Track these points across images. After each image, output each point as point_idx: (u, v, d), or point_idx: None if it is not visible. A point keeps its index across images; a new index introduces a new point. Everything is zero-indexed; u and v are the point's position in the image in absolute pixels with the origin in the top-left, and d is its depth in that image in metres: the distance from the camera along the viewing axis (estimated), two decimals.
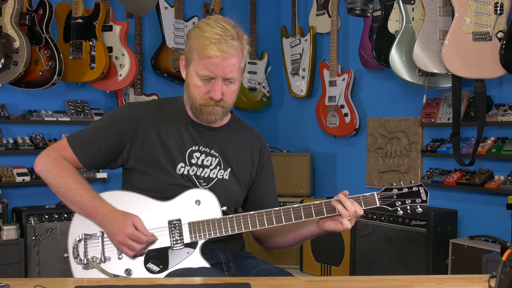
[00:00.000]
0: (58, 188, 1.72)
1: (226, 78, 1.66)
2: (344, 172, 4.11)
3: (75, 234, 1.71)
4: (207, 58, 1.64)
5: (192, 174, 1.75)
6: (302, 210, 1.68)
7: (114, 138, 1.74)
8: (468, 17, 2.84)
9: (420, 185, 1.74)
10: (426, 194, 1.73)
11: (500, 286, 1.03)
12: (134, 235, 1.63)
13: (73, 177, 1.72)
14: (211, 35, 1.63)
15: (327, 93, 4.02)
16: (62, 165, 1.73)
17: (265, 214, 1.68)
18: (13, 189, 3.40)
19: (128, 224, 1.64)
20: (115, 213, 1.67)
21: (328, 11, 4.08)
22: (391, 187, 1.72)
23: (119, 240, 1.63)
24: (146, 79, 3.97)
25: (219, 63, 1.63)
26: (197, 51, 1.66)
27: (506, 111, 3.00)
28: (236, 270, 1.78)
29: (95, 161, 1.77)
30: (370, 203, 1.69)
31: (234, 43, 1.64)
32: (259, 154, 1.89)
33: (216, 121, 1.74)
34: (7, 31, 3.20)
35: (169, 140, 1.76)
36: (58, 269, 3.21)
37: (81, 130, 1.82)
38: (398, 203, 1.71)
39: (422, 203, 1.71)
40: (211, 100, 1.69)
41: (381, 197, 1.70)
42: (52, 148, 1.78)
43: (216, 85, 1.66)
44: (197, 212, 1.69)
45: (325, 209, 1.68)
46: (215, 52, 1.62)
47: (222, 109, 1.72)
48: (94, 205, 1.69)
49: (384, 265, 3.24)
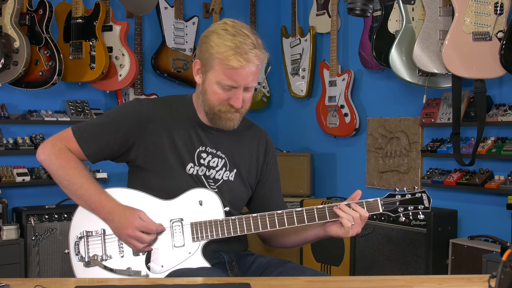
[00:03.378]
0: (61, 180, 1.71)
1: (248, 86, 1.66)
2: (344, 172, 4.11)
3: (76, 230, 1.70)
4: (232, 69, 1.61)
5: (202, 174, 1.75)
6: (305, 213, 1.67)
7: (123, 135, 1.72)
8: (468, 17, 2.84)
9: (423, 191, 1.72)
10: (429, 201, 1.72)
11: (500, 286, 1.03)
12: (143, 225, 1.62)
13: (78, 170, 1.71)
14: (234, 44, 1.60)
15: (327, 93, 4.02)
16: (66, 157, 1.71)
17: (268, 217, 1.68)
18: (13, 189, 3.40)
19: (135, 217, 1.63)
20: (121, 208, 1.67)
21: (328, 11, 4.08)
22: (394, 193, 1.72)
23: (128, 234, 1.62)
24: (146, 79, 3.97)
25: (243, 73, 1.62)
26: (220, 60, 1.62)
27: (506, 111, 3.00)
28: (238, 269, 1.79)
29: (101, 156, 1.76)
30: (373, 209, 1.69)
31: (257, 52, 1.63)
32: (264, 152, 1.89)
33: (234, 127, 1.73)
34: (7, 31, 3.20)
35: (179, 140, 1.74)
36: (58, 269, 3.21)
37: (88, 123, 1.80)
38: (400, 209, 1.71)
39: (425, 210, 1.70)
40: (231, 108, 1.67)
41: (384, 203, 1.70)
42: (56, 138, 1.75)
43: (238, 94, 1.65)
44: (199, 212, 1.69)
45: (328, 213, 1.68)
46: (242, 63, 1.60)
47: (240, 114, 1.72)
48: (100, 199, 1.68)
49: (384, 265, 3.24)
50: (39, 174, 3.44)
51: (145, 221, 1.64)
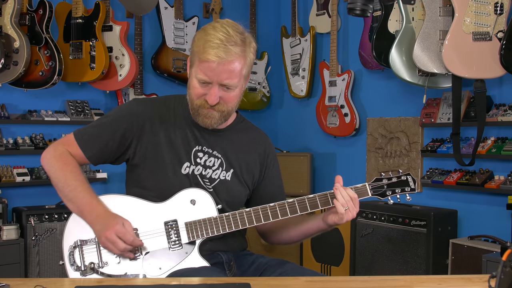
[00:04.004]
0: (57, 182, 1.73)
1: (222, 84, 1.64)
2: (344, 172, 4.11)
3: (70, 240, 1.71)
4: (204, 62, 1.62)
5: (198, 173, 1.75)
6: (296, 204, 1.70)
7: (121, 134, 1.74)
8: (468, 17, 2.84)
9: (408, 174, 1.78)
10: (414, 182, 1.77)
11: (500, 286, 1.03)
12: (121, 232, 1.62)
13: (74, 174, 1.72)
14: (212, 39, 1.61)
15: (327, 93, 4.02)
16: (65, 160, 1.74)
17: (261, 210, 1.69)
18: (13, 189, 3.40)
19: (117, 222, 1.64)
20: (108, 214, 1.68)
21: (328, 11, 4.08)
22: (380, 177, 1.76)
23: (106, 235, 1.63)
24: (146, 79, 3.97)
25: (215, 68, 1.61)
26: (197, 53, 1.65)
27: (506, 111, 3.00)
28: (237, 269, 1.79)
29: (101, 157, 1.78)
30: (362, 194, 1.73)
31: (234, 49, 1.61)
32: (263, 154, 1.89)
33: (212, 125, 1.73)
34: (7, 31, 3.20)
35: (176, 139, 1.75)
36: (58, 269, 3.20)
37: (88, 126, 1.82)
38: (388, 193, 1.75)
39: (411, 191, 1.76)
40: (206, 103, 1.67)
41: (373, 188, 1.75)
42: (59, 143, 1.79)
43: (212, 90, 1.65)
44: (193, 211, 1.69)
45: (319, 202, 1.71)
46: (212, 56, 1.60)
47: (220, 113, 1.70)
48: (90, 203, 1.69)
49: (384, 265, 3.24)
50: (39, 174, 3.44)
51: (126, 230, 1.63)
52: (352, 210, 1.68)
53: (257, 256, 1.83)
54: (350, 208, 1.68)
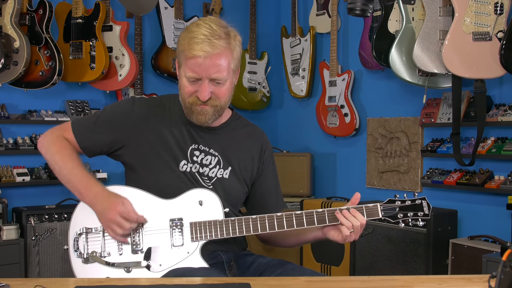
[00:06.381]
0: (54, 165, 1.76)
1: (212, 78, 1.65)
2: (344, 172, 4.11)
3: (76, 227, 1.72)
4: (191, 59, 1.63)
5: (195, 171, 1.76)
6: (304, 217, 1.67)
7: (116, 132, 1.77)
8: (468, 17, 2.84)
9: (423, 198, 1.72)
10: (429, 208, 1.71)
11: (500, 286, 1.03)
12: (125, 212, 1.63)
13: (71, 157, 1.76)
14: (196, 35, 1.62)
15: (327, 93, 4.02)
16: (62, 144, 1.77)
17: (267, 219, 1.68)
18: (13, 189, 3.40)
19: (119, 202, 1.65)
20: (106, 193, 1.69)
21: (328, 11, 4.08)
22: (394, 199, 1.72)
23: (110, 218, 1.64)
24: (146, 79, 3.97)
25: (202, 62, 1.62)
26: (184, 52, 1.65)
27: (506, 111, 3.00)
28: (237, 269, 1.79)
29: (95, 150, 1.81)
30: (372, 215, 1.69)
31: (219, 42, 1.62)
32: (260, 151, 1.89)
33: (207, 122, 1.73)
34: (7, 31, 3.20)
35: (171, 138, 1.76)
36: (58, 269, 3.21)
37: (86, 117, 1.87)
38: (400, 216, 1.71)
39: (424, 217, 1.71)
40: (198, 100, 1.68)
41: (384, 209, 1.70)
42: (56, 128, 1.83)
43: (202, 86, 1.65)
44: (199, 212, 1.69)
45: (327, 218, 1.68)
46: (197, 52, 1.60)
47: (213, 108, 1.70)
48: (88, 183, 1.71)
49: (384, 265, 3.24)
50: (39, 174, 3.44)
51: (127, 208, 1.65)
52: (357, 234, 1.67)
53: (257, 256, 1.83)
54: (355, 232, 1.66)
